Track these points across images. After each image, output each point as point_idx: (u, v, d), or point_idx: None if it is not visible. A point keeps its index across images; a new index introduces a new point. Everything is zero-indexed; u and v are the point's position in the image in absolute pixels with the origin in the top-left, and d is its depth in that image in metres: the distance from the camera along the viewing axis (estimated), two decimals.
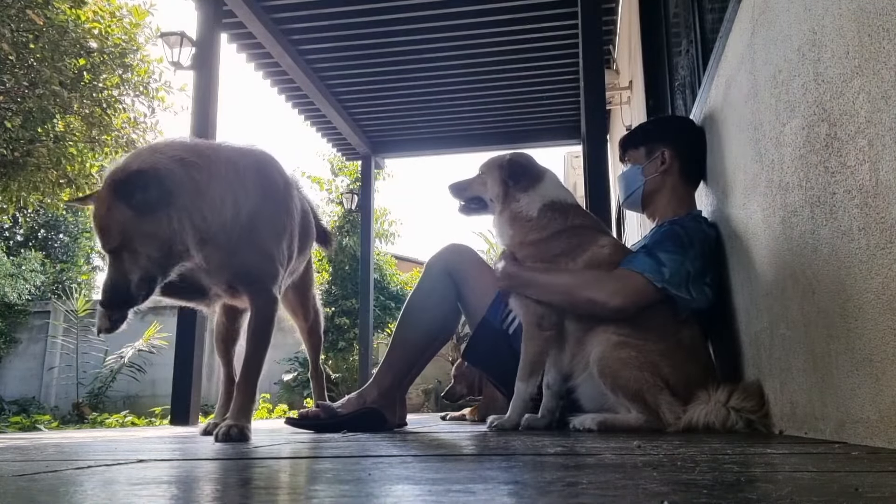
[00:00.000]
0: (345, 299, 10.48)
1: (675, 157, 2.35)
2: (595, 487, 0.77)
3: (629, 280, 2.02)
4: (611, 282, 2.03)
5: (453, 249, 2.46)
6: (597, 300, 2.00)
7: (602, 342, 1.95)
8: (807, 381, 1.50)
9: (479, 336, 2.38)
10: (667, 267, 2.03)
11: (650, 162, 2.38)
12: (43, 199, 7.97)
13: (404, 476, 0.93)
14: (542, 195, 2.18)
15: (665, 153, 2.36)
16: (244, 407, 1.93)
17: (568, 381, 2.11)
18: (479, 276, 2.39)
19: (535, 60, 5.93)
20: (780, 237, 1.62)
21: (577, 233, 2.15)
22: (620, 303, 1.99)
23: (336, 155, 8.42)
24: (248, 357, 1.98)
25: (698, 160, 2.37)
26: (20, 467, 1.17)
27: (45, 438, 2.57)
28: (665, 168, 2.36)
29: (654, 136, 2.42)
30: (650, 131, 2.49)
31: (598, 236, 2.17)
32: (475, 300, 2.39)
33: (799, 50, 1.44)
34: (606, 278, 2.04)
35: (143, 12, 7.96)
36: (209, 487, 0.89)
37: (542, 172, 2.25)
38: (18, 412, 9.96)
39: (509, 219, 2.20)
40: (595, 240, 2.15)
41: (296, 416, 2.32)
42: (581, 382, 2.06)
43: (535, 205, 2.16)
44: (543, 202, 2.16)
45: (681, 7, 3.51)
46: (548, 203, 2.16)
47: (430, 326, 2.41)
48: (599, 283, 2.04)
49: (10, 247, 16.49)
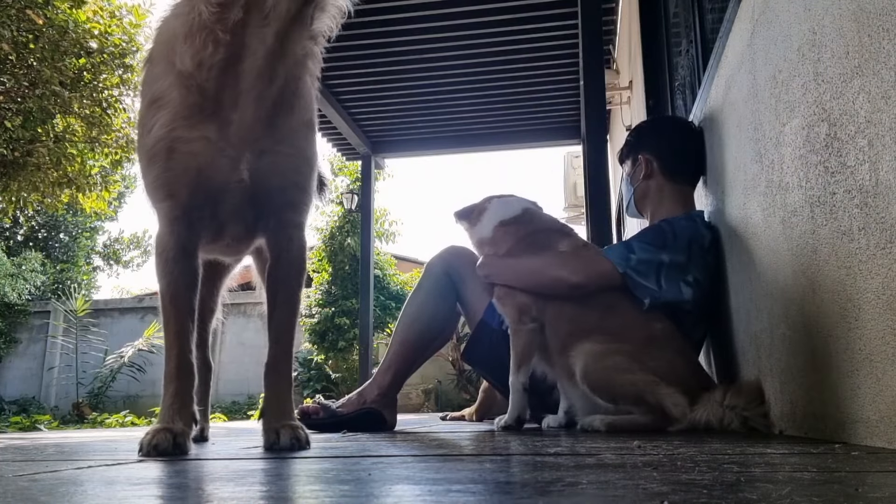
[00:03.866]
0: (345, 299, 10.47)
1: (654, 159, 2.42)
2: (595, 487, 0.77)
3: (593, 261, 2.14)
4: (575, 261, 2.15)
5: (453, 251, 2.50)
6: (559, 277, 2.11)
7: (583, 356, 1.98)
8: (807, 381, 1.50)
9: (478, 336, 2.41)
10: (636, 255, 2.10)
11: (634, 170, 2.48)
12: (43, 200, 7.97)
13: (404, 476, 0.93)
14: (491, 219, 2.34)
15: (642, 157, 2.44)
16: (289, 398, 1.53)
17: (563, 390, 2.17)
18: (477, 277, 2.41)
19: (535, 60, 5.93)
20: (780, 237, 1.62)
21: (533, 239, 2.25)
22: (579, 280, 2.10)
23: (336, 155, 8.41)
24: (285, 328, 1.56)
25: (680, 155, 2.42)
26: (20, 467, 1.17)
27: (45, 438, 2.57)
28: (648, 171, 2.43)
29: (633, 145, 2.52)
30: (631, 142, 2.56)
31: (557, 239, 2.26)
32: (473, 301, 2.42)
33: (799, 50, 1.44)
34: (572, 258, 2.17)
35: (144, 13, 7.96)
36: (209, 487, 0.89)
37: (484, 204, 2.40)
38: (18, 412, 9.96)
39: (477, 246, 2.39)
40: (556, 242, 2.24)
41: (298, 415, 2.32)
42: (572, 394, 2.10)
43: (487, 228, 2.34)
44: (493, 224, 2.33)
45: (681, 7, 3.51)
46: (496, 224, 2.32)
47: (429, 327, 2.43)
48: (564, 262, 2.15)
49: (10, 247, 16.49)
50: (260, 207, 1.53)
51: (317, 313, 10.59)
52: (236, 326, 11.94)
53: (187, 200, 1.45)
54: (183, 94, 1.40)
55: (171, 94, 1.42)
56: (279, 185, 1.51)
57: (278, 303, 1.58)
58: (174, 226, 1.46)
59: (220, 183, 1.44)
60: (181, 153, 1.41)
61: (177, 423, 1.37)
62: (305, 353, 10.41)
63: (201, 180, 1.43)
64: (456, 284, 2.44)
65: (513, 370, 2.13)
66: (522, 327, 2.13)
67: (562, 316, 2.10)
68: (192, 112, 1.41)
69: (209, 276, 1.85)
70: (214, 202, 1.48)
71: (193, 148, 1.41)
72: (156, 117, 1.43)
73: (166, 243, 1.47)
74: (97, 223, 17.71)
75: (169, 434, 1.33)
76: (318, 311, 10.57)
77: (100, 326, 12.27)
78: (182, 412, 1.40)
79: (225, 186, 1.45)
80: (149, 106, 1.46)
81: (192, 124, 1.41)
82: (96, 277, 18.55)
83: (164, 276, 1.47)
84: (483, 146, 7.63)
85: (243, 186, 1.46)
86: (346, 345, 10.25)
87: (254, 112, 1.43)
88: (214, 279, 1.98)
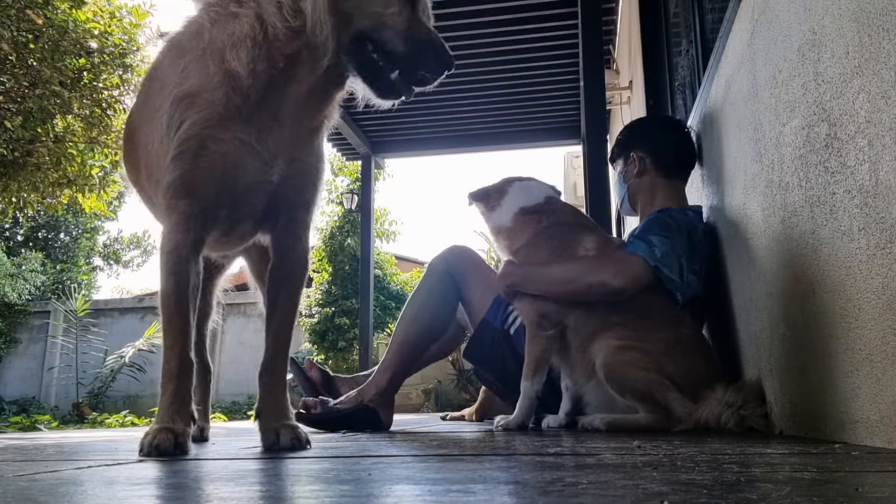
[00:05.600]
0: (345, 299, 10.47)
1: (647, 155, 2.44)
2: (595, 487, 0.77)
3: (627, 261, 2.07)
4: (609, 264, 2.07)
5: (455, 251, 2.49)
6: (597, 283, 2.04)
7: (604, 348, 1.97)
8: (807, 381, 1.50)
9: (479, 336, 2.41)
10: (657, 248, 2.08)
11: (627, 168, 2.49)
12: (43, 200, 7.97)
13: (404, 476, 0.92)
14: (511, 205, 2.26)
15: (635, 155, 2.45)
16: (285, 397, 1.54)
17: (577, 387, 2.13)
18: (479, 276, 2.42)
19: (535, 60, 5.93)
20: (780, 237, 1.62)
21: (555, 233, 2.20)
22: (622, 283, 2.02)
23: (336, 155, 8.41)
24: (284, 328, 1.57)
25: (672, 151, 2.44)
26: (20, 467, 1.17)
27: (45, 438, 2.57)
28: (641, 169, 2.44)
29: (624, 144, 2.53)
30: (621, 141, 2.57)
31: (582, 236, 2.20)
32: (476, 300, 2.42)
33: (799, 50, 1.44)
34: (604, 262, 2.09)
35: (144, 13, 7.95)
36: (209, 487, 0.89)
37: (504, 186, 2.31)
38: (18, 412, 9.95)
39: (493, 232, 2.31)
40: (580, 241, 2.19)
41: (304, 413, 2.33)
42: (589, 390, 2.08)
43: (507, 215, 2.25)
44: (514, 211, 2.24)
45: (681, 7, 3.51)
46: (517, 211, 2.24)
47: (429, 327, 2.42)
48: (598, 267, 2.08)
49: (10, 247, 16.48)
50: (275, 207, 1.55)
51: (317, 313, 10.59)
52: (236, 326, 11.94)
53: (209, 200, 1.46)
54: (228, 94, 1.42)
55: (213, 93, 1.43)
56: (301, 186, 1.56)
57: (279, 303, 1.58)
58: (190, 223, 1.45)
59: (247, 184, 1.47)
60: (212, 153, 1.43)
61: (177, 423, 1.36)
62: (305, 353, 10.40)
63: (228, 181, 1.45)
64: (458, 284, 2.43)
65: (526, 375, 2.09)
66: (542, 333, 2.08)
67: (589, 318, 2.05)
68: (230, 113, 1.43)
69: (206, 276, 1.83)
70: (235, 202, 1.50)
71: (225, 148, 1.43)
72: (186, 114, 1.43)
73: (179, 240, 1.45)
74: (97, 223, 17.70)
75: (170, 434, 1.33)
76: (318, 311, 10.57)
77: (100, 326, 12.26)
78: (182, 411, 1.39)
79: (251, 187, 1.48)
80: (177, 102, 1.45)
81: (226, 126, 1.43)
82: (96, 277, 18.53)
83: (172, 273, 1.44)
84: (483, 146, 7.63)
85: (269, 188, 1.50)
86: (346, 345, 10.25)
87: (292, 129, 1.50)
88: (210, 279, 1.98)
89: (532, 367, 2.09)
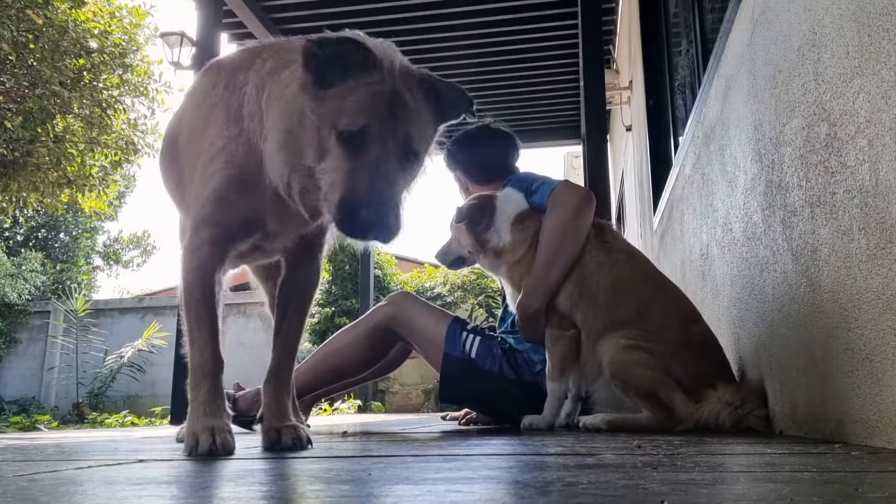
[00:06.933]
0: (345, 299, 10.47)
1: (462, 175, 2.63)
2: (595, 487, 0.77)
3: (562, 194, 2.18)
4: (562, 211, 2.16)
5: (395, 301, 2.48)
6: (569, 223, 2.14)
7: (612, 347, 1.97)
8: (807, 381, 1.50)
9: (447, 374, 2.37)
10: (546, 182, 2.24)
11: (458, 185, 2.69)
12: (43, 200, 7.97)
13: (404, 476, 0.92)
14: (504, 218, 2.24)
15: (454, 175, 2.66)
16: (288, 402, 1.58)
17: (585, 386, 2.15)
18: (424, 319, 2.41)
19: (535, 60, 5.93)
20: (780, 237, 1.62)
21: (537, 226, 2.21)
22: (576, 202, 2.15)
23: None
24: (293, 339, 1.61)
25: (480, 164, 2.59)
26: (20, 467, 1.17)
27: (45, 438, 2.57)
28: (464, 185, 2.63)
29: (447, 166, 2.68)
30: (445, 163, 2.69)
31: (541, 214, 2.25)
32: (427, 344, 2.40)
33: (799, 50, 1.44)
34: (559, 214, 2.16)
35: (144, 13, 7.95)
36: (210, 487, 0.89)
37: (493, 200, 2.29)
38: (18, 412, 9.95)
39: (493, 256, 2.28)
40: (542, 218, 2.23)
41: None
42: (597, 388, 2.09)
43: (504, 230, 2.23)
44: (510, 222, 2.23)
45: (681, 7, 3.51)
46: (513, 220, 2.24)
47: (341, 366, 2.45)
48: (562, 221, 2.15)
49: (10, 247, 16.48)
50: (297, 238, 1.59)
51: (317, 313, 10.59)
52: (236, 327, 11.92)
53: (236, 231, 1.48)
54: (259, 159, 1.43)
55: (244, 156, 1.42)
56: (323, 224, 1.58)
57: (288, 314, 1.60)
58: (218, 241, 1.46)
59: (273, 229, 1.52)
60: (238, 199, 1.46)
61: (218, 421, 1.34)
62: (305, 353, 10.39)
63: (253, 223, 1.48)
64: (403, 336, 2.42)
65: (552, 377, 2.10)
66: (564, 333, 2.10)
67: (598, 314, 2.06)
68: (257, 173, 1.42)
69: None
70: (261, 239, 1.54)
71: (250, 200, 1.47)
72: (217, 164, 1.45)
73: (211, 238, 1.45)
74: (97, 223, 17.70)
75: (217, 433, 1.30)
76: (318, 311, 10.57)
77: (100, 326, 12.25)
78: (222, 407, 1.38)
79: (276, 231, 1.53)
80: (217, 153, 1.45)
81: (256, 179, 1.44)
82: (96, 277, 18.52)
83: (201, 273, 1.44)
84: None
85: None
86: None
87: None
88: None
89: (558, 368, 2.10)
